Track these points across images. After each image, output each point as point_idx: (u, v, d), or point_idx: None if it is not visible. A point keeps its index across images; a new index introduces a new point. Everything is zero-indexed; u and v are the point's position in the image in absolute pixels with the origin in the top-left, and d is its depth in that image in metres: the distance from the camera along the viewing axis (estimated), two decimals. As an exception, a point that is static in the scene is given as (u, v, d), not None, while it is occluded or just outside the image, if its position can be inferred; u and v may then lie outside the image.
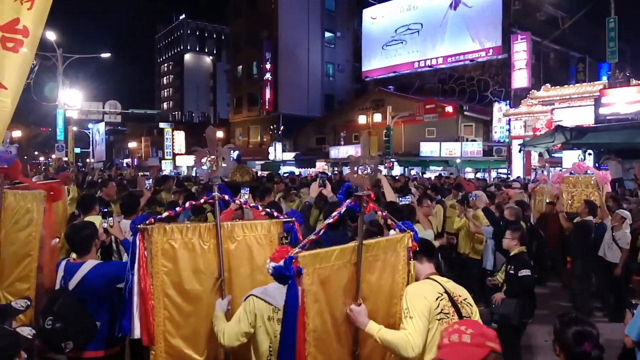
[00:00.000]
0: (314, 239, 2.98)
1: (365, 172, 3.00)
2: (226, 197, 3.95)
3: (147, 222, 3.58)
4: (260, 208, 4.11)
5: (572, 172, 10.69)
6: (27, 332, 2.75)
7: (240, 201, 4.74)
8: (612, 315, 8.39)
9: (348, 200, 3.14)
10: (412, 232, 3.38)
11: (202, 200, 4.05)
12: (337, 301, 2.93)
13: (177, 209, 3.96)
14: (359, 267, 2.97)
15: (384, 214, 3.55)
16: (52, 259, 4.99)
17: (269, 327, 3.16)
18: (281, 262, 2.70)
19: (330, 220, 3.11)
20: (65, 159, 26.93)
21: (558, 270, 10.88)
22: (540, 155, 24.55)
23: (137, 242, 3.52)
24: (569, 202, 10.40)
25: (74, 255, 4.28)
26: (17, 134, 38.87)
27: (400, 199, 8.10)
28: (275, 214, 3.99)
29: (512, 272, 5.87)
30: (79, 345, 3.83)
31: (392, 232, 3.49)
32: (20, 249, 4.91)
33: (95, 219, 5.02)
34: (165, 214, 3.70)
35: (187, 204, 4.04)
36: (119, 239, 4.51)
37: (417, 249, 3.37)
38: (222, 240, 3.66)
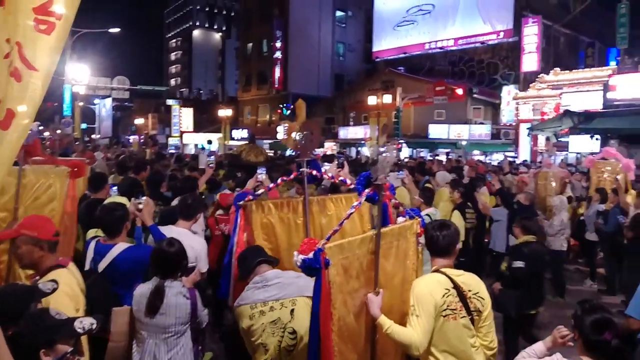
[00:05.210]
0: (337, 230, 3.00)
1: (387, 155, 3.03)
2: (314, 172, 4.00)
3: (246, 199, 3.81)
4: (349, 181, 4.14)
5: (604, 157, 10.98)
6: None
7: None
8: None
9: (367, 190, 3.20)
10: (420, 219, 3.49)
11: (292, 176, 4.15)
12: (357, 290, 3.00)
13: (270, 185, 4.20)
14: (377, 256, 3.04)
15: (397, 201, 3.68)
16: (69, 235, 5.12)
17: (256, 321, 3.25)
18: (310, 255, 2.69)
19: (352, 211, 3.15)
20: (75, 134, 26.98)
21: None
22: (548, 139, 24.53)
23: (239, 217, 3.82)
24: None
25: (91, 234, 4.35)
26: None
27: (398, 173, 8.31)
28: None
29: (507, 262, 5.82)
30: (107, 326, 3.73)
31: (400, 219, 3.56)
32: (43, 225, 5.03)
33: (114, 199, 5.11)
34: (261, 191, 3.91)
35: (279, 180, 4.15)
36: (146, 224, 4.39)
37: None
38: (314, 215, 3.80)
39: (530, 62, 32.23)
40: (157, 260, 3.55)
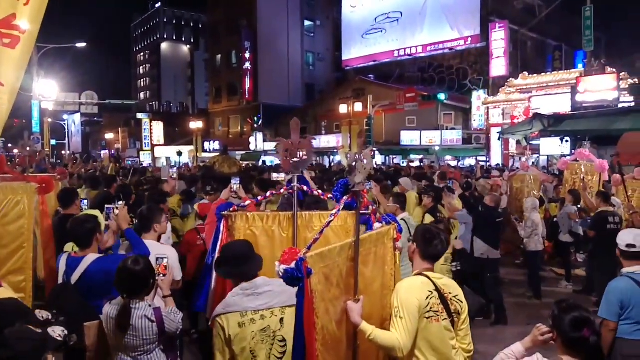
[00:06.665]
0: (317, 238, 2.93)
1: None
2: (305, 187, 3.95)
3: (231, 209, 3.76)
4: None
5: (577, 159, 11.13)
6: (58, 332, 2.52)
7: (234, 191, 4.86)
8: None
9: (345, 197, 3.17)
10: (396, 225, 3.50)
11: (282, 190, 4.12)
12: (338, 297, 2.97)
13: (259, 197, 4.14)
14: (356, 263, 3.01)
15: (374, 207, 3.64)
16: (47, 251, 4.99)
17: (246, 329, 3.14)
18: (292, 265, 2.63)
19: (332, 219, 3.11)
20: (47, 151, 26.47)
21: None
22: (518, 142, 24.89)
23: (222, 227, 3.77)
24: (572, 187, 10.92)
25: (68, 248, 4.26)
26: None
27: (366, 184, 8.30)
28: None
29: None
30: (83, 338, 3.76)
31: (377, 224, 3.55)
32: (11, 242, 4.81)
33: (88, 212, 5.03)
34: (247, 202, 3.86)
35: (268, 194, 4.10)
36: (122, 228, 4.28)
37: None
38: (300, 229, 3.74)
39: (498, 66, 32.81)
40: (122, 280, 3.36)
